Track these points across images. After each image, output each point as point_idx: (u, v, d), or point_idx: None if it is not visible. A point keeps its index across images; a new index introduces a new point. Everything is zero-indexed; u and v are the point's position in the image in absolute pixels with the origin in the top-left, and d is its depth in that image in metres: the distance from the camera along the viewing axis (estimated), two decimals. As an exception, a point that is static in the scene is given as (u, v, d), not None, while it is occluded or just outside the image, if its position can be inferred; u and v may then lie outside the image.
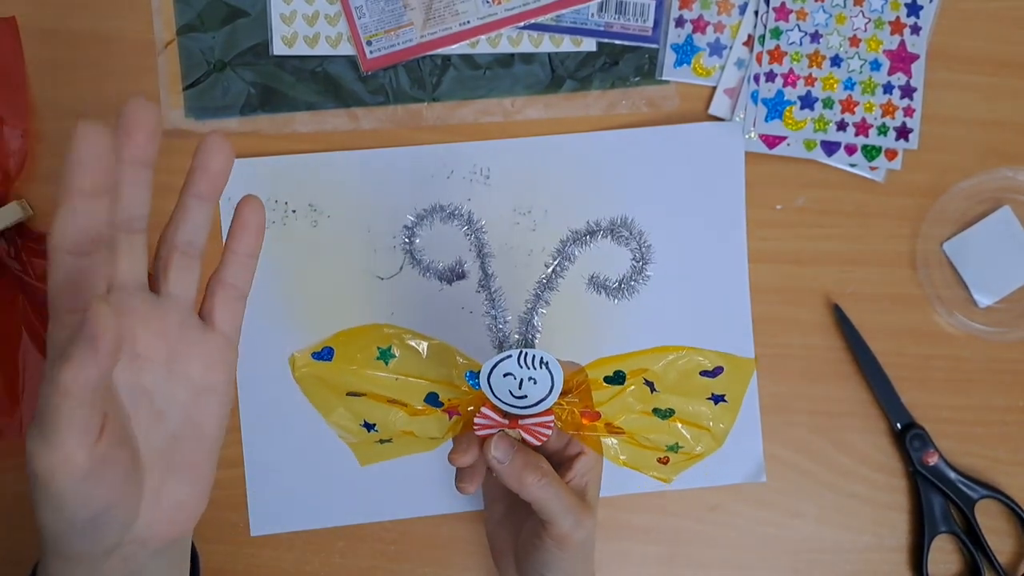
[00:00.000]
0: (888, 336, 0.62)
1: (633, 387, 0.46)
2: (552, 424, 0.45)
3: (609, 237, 0.44)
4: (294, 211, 0.61)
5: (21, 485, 0.61)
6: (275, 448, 0.61)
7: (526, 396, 0.44)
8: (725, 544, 0.63)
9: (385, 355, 0.45)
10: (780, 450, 0.62)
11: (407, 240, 0.44)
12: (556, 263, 0.44)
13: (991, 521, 0.62)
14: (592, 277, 0.45)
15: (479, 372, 0.44)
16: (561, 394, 0.45)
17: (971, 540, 0.61)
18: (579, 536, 0.46)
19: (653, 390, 0.47)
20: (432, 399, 0.46)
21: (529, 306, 0.44)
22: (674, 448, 0.49)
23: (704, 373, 0.48)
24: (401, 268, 0.62)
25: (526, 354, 0.43)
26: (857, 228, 0.63)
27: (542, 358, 0.43)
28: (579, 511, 0.46)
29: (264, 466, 0.61)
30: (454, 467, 0.47)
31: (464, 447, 0.47)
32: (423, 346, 0.45)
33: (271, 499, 0.62)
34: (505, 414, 0.45)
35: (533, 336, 0.44)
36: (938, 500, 0.61)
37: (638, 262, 0.44)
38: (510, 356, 0.43)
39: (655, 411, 0.47)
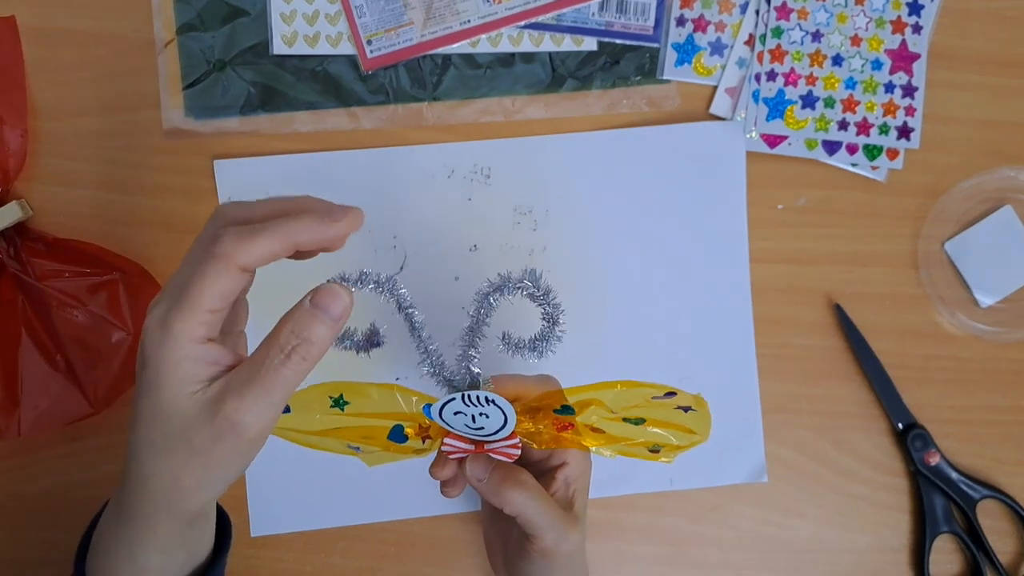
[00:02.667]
0: (890, 336, 0.62)
1: (593, 408, 0.45)
2: (519, 444, 0.44)
3: (519, 293, 0.41)
4: (294, 211, 0.61)
5: (21, 485, 0.61)
6: (275, 449, 0.61)
7: (482, 427, 0.43)
8: (725, 544, 0.63)
9: (338, 403, 0.44)
10: (781, 450, 0.62)
11: None
12: (477, 313, 0.42)
13: (992, 521, 0.62)
14: (504, 336, 0.43)
15: (432, 405, 0.43)
16: (530, 412, 0.44)
17: (972, 540, 0.61)
18: (565, 549, 0.46)
19: (613, 412, 0.46)
20: (397, 433, 0.45)
21: (459, 354, 0.42)
22: (655, 449, 0.48)
23: (656, 397, 0.46)
24: (401, 268, 0.61)
25: (468, 395, 0.42)
26: (858, 228, 0.62)
27: (486, 396, 0.41)
28: (564, 524, 0.46)
29: (264, 467, 0.61)
30: (436, 479, 0.47)
31: (444, 460, 0.47)
32: (372, 392, 0.44)
33: (271, 500, 0.62)
34: (471, 439, 0.45)
35: (476, 380, 0.42)
36: (939, 500, 0.61)
37: (548, 321, 0.42)
38: (453, 399, 0.42)
39: (624, 419, 0.46)
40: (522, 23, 0.61)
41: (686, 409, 0.45)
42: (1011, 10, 0.62)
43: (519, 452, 0.45)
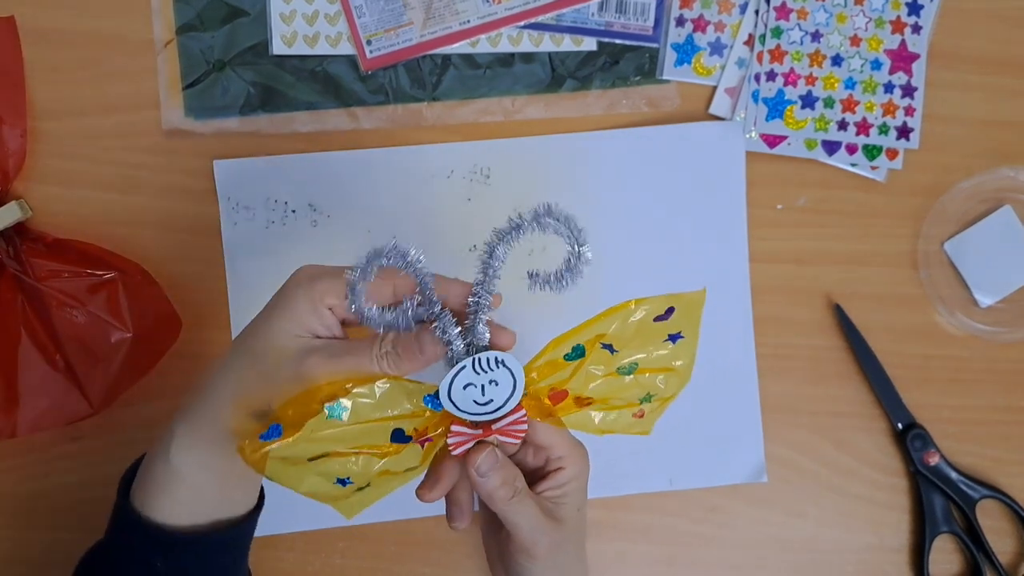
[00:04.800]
0: (889, 336, 0.62)
1: (593, 355, 0.46)
2: (526, 419, 0.45)
3: (535, 229, 0.42)
4: (294, 211, 0.61)
5: (21, 485, 0.61)
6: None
7: (492, 400, 0.43)
8: (726, 544, 0.63)
9: (334, 411, 0.44)
10: (781, 450, 0.62)
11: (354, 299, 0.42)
12: (485, 268, 0.42)
13: (992, 521, 0.62)
14: (532, 275, 0.43)
15: (437, 393, 0.43)
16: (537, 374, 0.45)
17: (972, 540, 0.61)
18: (544, 550, 0.47)
19: (613, 351, 0.46)
20: (398, 436, 0.45)
21: (471, 311, 0.42)
22: (647, 399, 0.49)
23: (658, 318, 0.47)
24: (401, 268, 0.61)
25: (478, 359, 0.42)
26: (858, 228, 0.63)
27: (496, 357, 0.42)
28: (544, 526, 0.46)
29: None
30: (424, 501, 0.48)
31: (432, 482, 0.47)
32: (370, 390, 0.44)
33: (271, 499, 0.61)
34: (476, 424, 0.45)
35: (482, 340, 0.43)
36: (939, 500, 0.61)
37: (573, 246, 0.42)
38: (464, 367, 0.42)
39: (619, 370, 0.47)
40: (522, 23, 0.61)
41: (675, 338, 0.47)
42: (1010, 10, 0.62)
43: (526, 428, 0.45)
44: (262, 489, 0.48)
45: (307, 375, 0.41)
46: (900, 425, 0.62)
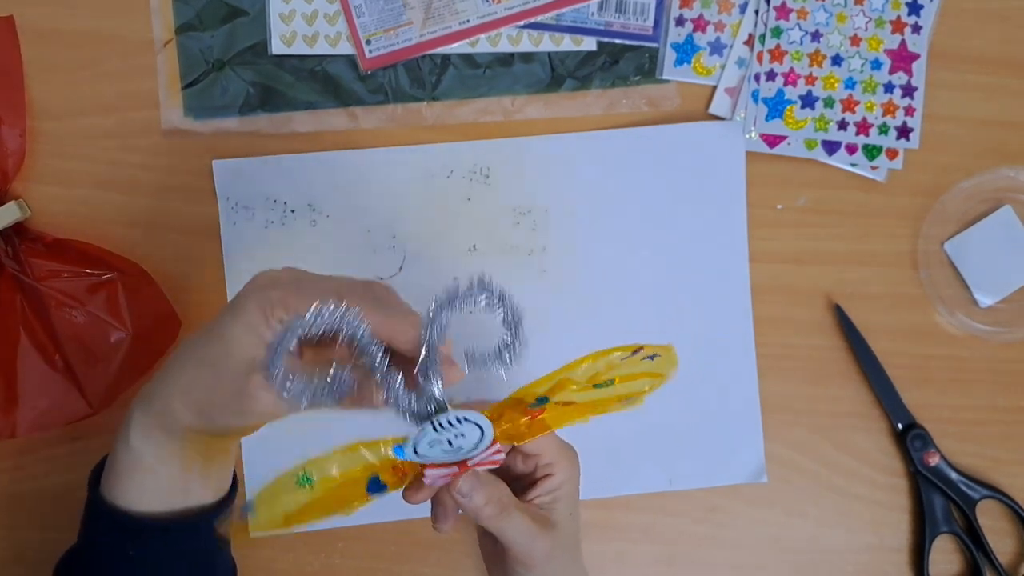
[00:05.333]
0: (889, 336, 0.62)
1: (565, 389, 0.45)
2: (501, 449, 0.44)
3: (473, 304, 0.39)
4: (293, 211, 0.61)
5: (20, 485, 0.61)
6: (274, 448, 0.61)
7: (460, 447, 0.42)
8: (725, 544, 0.63)
9: (304, 480, 0.44)
10: (781, 450, 0.62)
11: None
12: (427, 339, 0.39)
13: (992, 521, 0.62)
14: (467, 355, 0.39)
15: (404, 444, 0.41)
16: (503, 412, 0.43)
17: (972, 540, 0.61)
18: (539, 557, 0.47)
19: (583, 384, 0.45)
20: (375, 486, 0.45)
21: (421, 373, 0.39)
22: (631, 400, 0.47)
23: (625, 356, 0.45)
24: (400, 268, 0.61)
25: (438, 422, 0.39)
26: (858, 228, 0.62)
27: (456, 417, 0.40)
28: (537, 535, 0.46)
29: (264, 466, 0.61)
30: (410, 504, 0.47)
31: (419, 484, 0.46)
32: (335, 459, 0.44)
33: (270, 500, 0.61)
34: (452, 463, 0.43)
35: (442, 403, 0.40)
36: (939, 500, 0.61)
37: (510, 327, 0.39)
38: (423, 431, 0.40)
39: (595, 387, 0.46)
40: (521, 23, 0.60)
41: (653, 357, 0.44)
42: (1010, 10, 0.62)
43: (504, 455, 0.44)
44: (235, 480, 0.48)
45: (250, 393, 0.40)
46: (900, 425, 0.62)
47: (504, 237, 0.62)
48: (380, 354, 0.39)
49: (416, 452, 0.41)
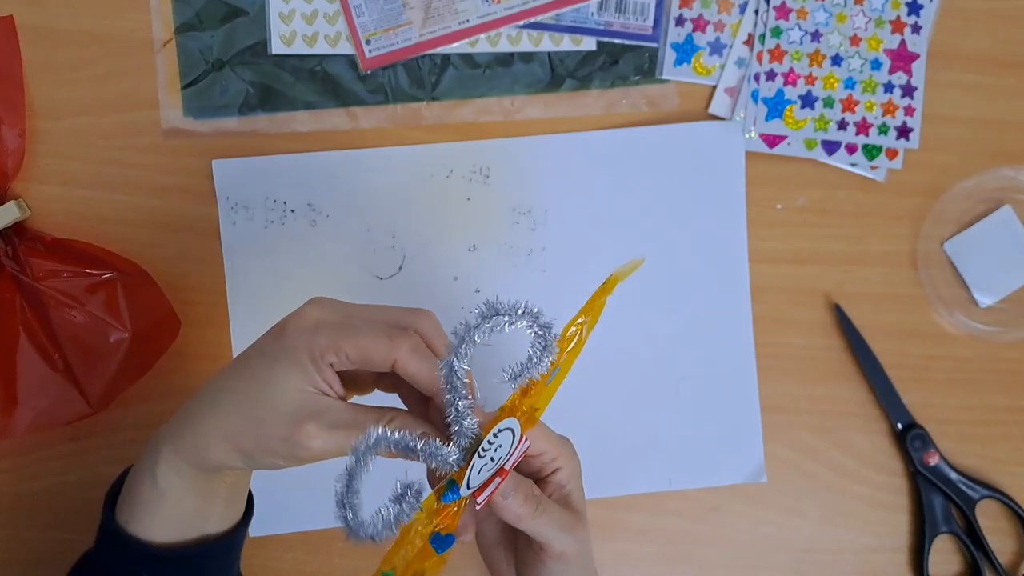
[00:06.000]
0: (889, 336, 0.62)
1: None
2: (526, 438, 0.44)
3: (515, 325, 0.40)
4: (293, 211, 0.61)
5: (20, 485, 0.61)
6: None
7: (501, 456, 0.42)
8: (725, 544, 0.63)
9: None
10: (781, 450, 0.62)
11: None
12: (453, 383, 0.39)
13: (992, 521, 0.62)
14: (509, 370, 0.40)
15: (450, 486, 0.41)
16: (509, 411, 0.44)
17: (972, 540, 0.61)
18: (575, 549, 0.46)
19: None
20: (438, 541, 0.44)
21: (457, 423, 0.40)
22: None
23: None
24: (400, 268, 0.61)
25: (482, 450, 0.40)
26: (858, 228, 0.62)
27: (494, 434, 0.40)
28: (571, 526, 0.46)
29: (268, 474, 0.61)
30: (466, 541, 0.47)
31: (466, 523, 0.46)
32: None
33: (271, 500, 0.61)
34: (494, 475, 0.43)
35: (479, 435, 0.41)
36: (939, 500, 0.61)
37: (540, 347, 0.40)
38: (472, 467, 0.40)
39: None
40: (521, 23, 0.60)
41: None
42: (1010, 10, 0.62)
43: (528, 444, 0.45)
44: (251, 499, 0.48)
45: (301, 443, 0.39)
46: (900, 425, 0.62)
47: (504, 237, 0.62)
48: (435, 444, 0.39)
49: (469, 487, 0.41)
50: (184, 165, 0.61)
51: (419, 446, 0.39)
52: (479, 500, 0.42)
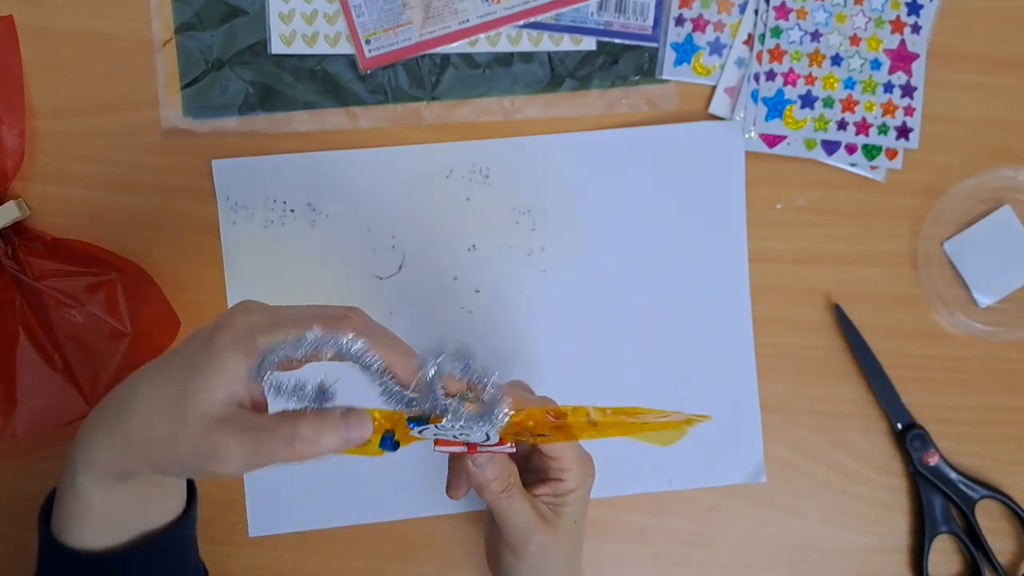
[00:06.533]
0: (889, 336, 0.62)
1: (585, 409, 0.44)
2: (511, 448, 0.44)
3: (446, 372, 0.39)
4: (292, 210, 0.61)
5: (20, 485, 0.61)
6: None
7: (468, 437, 0.42)
8: (725, 544, 0.63)
9: None
10: (780, 450, 0.62)
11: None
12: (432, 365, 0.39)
13: (991, 521, 0.62)
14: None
15: (419, 423, 0.41)
16: (516, 433, 0.43)
17: (972, 540, 0.61)
18: (529, 548, 0.47)
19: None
20: (387, 442, 0.44)
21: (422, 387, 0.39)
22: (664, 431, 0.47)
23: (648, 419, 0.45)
24: (400, 268, 0.61)
25: (448, 425, 0.40)
26: (857, 228, 0.62)
27: (460, 426, 0.40)
28: (536, 527, 0.47)
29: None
30: (453, 499, 0.48)
31: (458, 482, 0.48)
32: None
33: (270, 500, 0.62)
34: (463, 442, 0.44)
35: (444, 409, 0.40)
36: (938, 500, 0.61)
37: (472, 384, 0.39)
38: (433, 428, 0.41)
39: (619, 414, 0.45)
40: (521, 22, 0.60)
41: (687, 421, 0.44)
42: (1010, 10, 0.62)
43: (514, 450, 0.45)
44: (193, 488, 0.46)
45: (215, 453, 0.37)
46: (899, 425, 0.62)
47: (503, 237, 0.62)
48: (378, 361, 0.38)
49: (433, 434, 0.42)
50: (184, 165, 0.61)
51: (373, 360, 0.38)
52: (437, 446, 0.43)
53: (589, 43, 0.61)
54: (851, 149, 0.62)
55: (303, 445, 0.37)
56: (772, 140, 0.62)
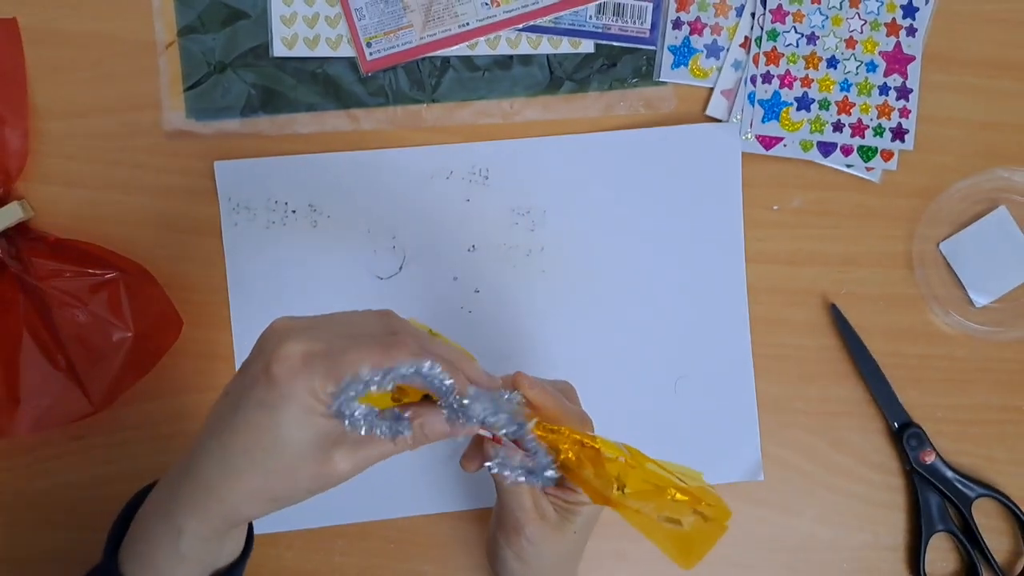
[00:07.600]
0: (885, 336, 0.63)
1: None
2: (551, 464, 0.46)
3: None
4: (294, 211, 0.61)
5: (22, 484, 0.61)
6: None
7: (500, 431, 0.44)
8: (723, 543, 0.62)
9: None
10: (778, 449, 0.63)
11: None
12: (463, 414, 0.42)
13: (988, 520, 0.62)
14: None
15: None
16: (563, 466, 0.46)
17: (968, 539, 0.62)
18: (524, 535, 0.47)
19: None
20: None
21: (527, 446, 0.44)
22: (675, 520, 0.48)
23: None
24: (400, 268, 0.62)
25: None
26: (854, 228, 0.63)
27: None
28: (531, 517, 0.47)
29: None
30: (465, 470, 0.49)
31: (473, 454, 0.48)
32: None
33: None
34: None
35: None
36: (935, 499, 0.62)
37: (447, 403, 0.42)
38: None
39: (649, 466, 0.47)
40: (520, 26, 0.61)
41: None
42: (1004, 12, 0.63)
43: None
44: (251, 531, 0.47)
45: (333, 473, 0.40)
46: (896, 424, 0.62)
47: (503, 237, 0.62)
48: (448, 381, 0.41)
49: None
50: (186, 166, 0.62)
51: (444, 380, 0.40)
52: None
53: (587, 46, 0.62)
54: (847, 151, 0.62)
55: (413, 437, 0.41)
56: (769, 142, 0.62)
